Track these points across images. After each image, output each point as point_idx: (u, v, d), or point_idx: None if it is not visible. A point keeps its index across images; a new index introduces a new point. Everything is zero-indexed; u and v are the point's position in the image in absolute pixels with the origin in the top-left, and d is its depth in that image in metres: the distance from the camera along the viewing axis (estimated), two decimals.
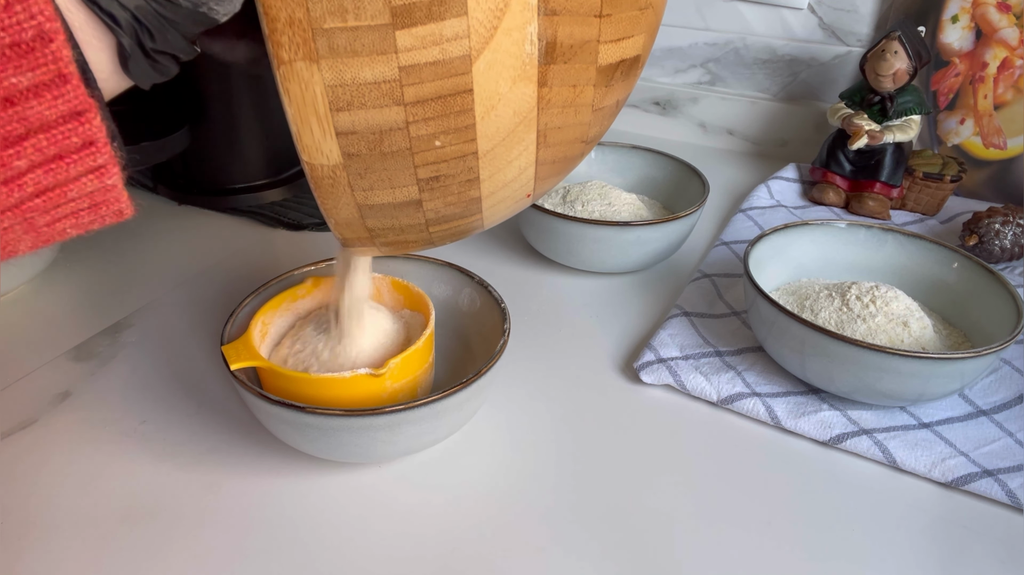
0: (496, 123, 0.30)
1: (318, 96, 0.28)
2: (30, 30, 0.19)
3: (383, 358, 0.41)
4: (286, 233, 0.67)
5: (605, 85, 0.33)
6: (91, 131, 0.22)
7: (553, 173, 0.35)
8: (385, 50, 0.27)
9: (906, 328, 0.47)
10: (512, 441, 0.44)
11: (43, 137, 0.21)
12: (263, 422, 0.40)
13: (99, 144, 0.22)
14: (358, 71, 0.27)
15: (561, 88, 0.31)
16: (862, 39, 0.81)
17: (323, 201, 0.31)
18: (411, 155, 0.30)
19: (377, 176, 0.30)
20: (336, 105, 0.28)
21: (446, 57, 0.28)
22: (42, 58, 0.20)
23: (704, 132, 0.90)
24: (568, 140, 0.34)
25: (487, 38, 0.28)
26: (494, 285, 0.47)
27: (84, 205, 0.24)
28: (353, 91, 0.28)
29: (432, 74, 0.28)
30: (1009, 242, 0.62)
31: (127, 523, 0.38)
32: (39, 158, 0.21)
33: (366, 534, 0.38)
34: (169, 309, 0.56)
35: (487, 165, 0.31)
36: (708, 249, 0.65)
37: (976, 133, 0.74)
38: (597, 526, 0.39)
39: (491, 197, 0.33)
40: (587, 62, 0.31)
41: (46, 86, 0.20)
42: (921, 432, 0.45)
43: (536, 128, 0.32)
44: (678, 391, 0.48)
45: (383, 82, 0.28)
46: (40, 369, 0.49)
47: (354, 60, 0.27)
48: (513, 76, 0.29)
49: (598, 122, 0.35)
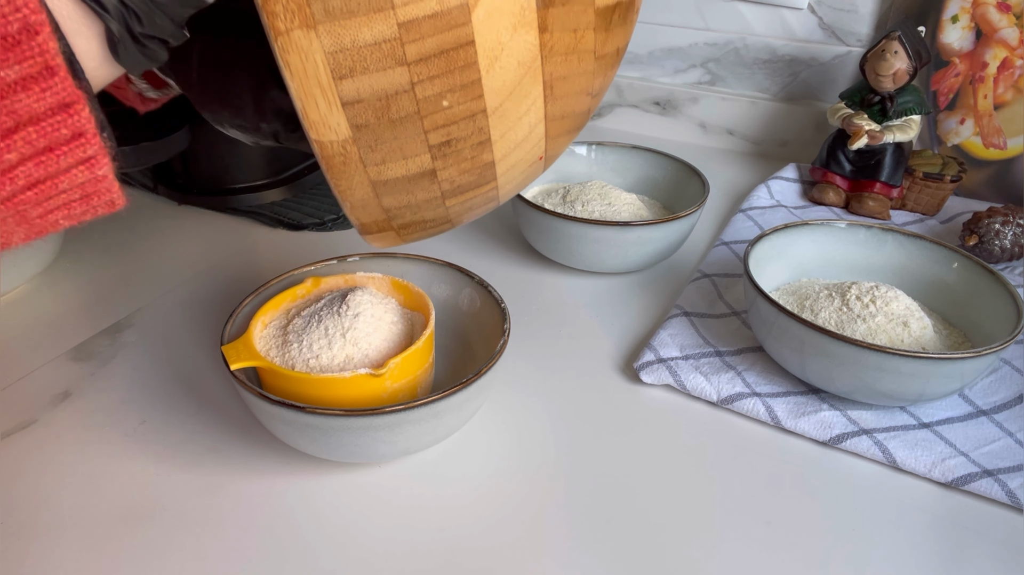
0: (501, 76, 0.30)
1: (319, 65, 0.27)
2: (15, 23, 0.19)
3: (383, 358, 0.41)
4: (286, 233, 0.67)
5: (605, 29, 0.33)
6: (80, 122, 0.22)
7: (563, 131, 0.35)
8: (382, 7, 0.27)
9: (906, 328, 0.47)
10: (512, 441, 0.44)
11: (32, 130, 0.21)
12: (263, 422, 0.40)
13: (88, 135, 0.22)
14: (357, 32, 0.27)
15: (562, 33, 0.31)
16: (862, 39, 0.81)
17: (336, 182, 0.31)
18: (420, 119, 0.30)
19: (388, 147, 0.30)
20: (339, 72, 0.28)
21: (444, 8, 0.27)
22: (28, 51, 0.20)
23: (704, 132, 0.90)
24: (574, 91, 0.33)
25: None
26: (494, 285, 0.47)
27: (76, 196, 0.24)
28: (354, 55, 0.27)
29: (432, 28, 0.28)
30: (1009, 242, 0.62)
31: (127, 523, 0.38)
32: (29, 151, 0.21)
33: (366, 534, 0.38)
34: (169, 309, 0.56)
35: (497, 123, 0.31)
36: (708, 249, 0.65)
37: (976, 133, 0.74)
38: (597, 526, 0.39)
39: (504, 160, 0.33)
40: (585, 3, 0.31)
41: (33, 79, 0.20)
42: (921, 432, 0.45)
43: (542, 79, 0.31)
44: (678, 391, 0.48)
45: (383, 42, 0.27)
46: (40, 369, 0.49)
47: (351, 21, 0.27)
48: (513, 23, 0.29)
49: (601, 71, 0.34)
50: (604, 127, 0.94)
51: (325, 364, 0.40)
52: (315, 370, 0.40)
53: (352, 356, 0.40)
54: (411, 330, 0.44)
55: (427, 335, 0.42)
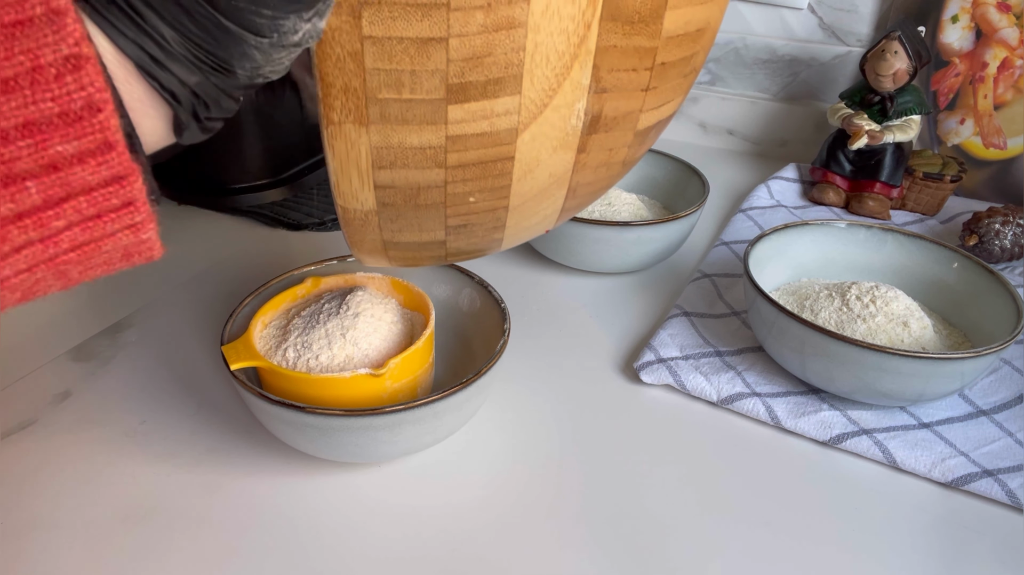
0: (531, 184, 0.31)
1: (362, 154, 0.28)
2: (79, 100, 0.19)
3: (383, 358, 0.41)
4: (286, 233, 0.67)
5: (639, 144, 0.34)
6: (132, 192, 0.22)
7: (574, 211, 0.36)
8: (435, 121, 0.27)
9: (906, 328, 0.47)
10: (512, 441, 0.44)
11: (83, 199, 0.21)
12: (263, 422, 0.40)
13: (138, 203, 0.22)
14: (405, 137, 0.28)
15: (599, 152, 0.32)
16: (862, 39, 0.81)
17: (351, 236, 0.32)
18: (444, 208, 0.31)
19: (407, 222, 0.31)
20: (379, 163, 0.28)
21: (494, 130, 0.28)
22: (89, 127, 0.20)
23: (704, 132, 0.90)
24: (595, 192, 0.35)
25: (536, 114, 0.28)
26: (494, 285, 0.47)
27: (118, 256, 0.24)
28: (397, 153, 0.28)
29: (477, 143, 0.28)
30: (1009, 242, 0.62)
31: (127, 523, 0.38)
32: (77, 218, 0.21)
33: (366, 534, 0.38)
34: (169, 309, 0.56)
35: (514, 215, 0.32)
36: (708, 249, 0.65)
37: (976, 133, 0.74)
38: (597, 526, 0.39)
39: (512, 238, 0.34)
40: (627, 129, 0.32)
41: (91, 153, 0.20)
42: (921, 432, 0.45)
43: (568, 186, 0.32)
44: (678, 391, 0.48)
45: (428, 148, 0.28)
46: (40, 369, 0.49)
47: (403, 127, 0.28)
48: (555, 146, 0.30)
49: (625, 172, 0.36)
50: None
51: (325, 364, 0.40)
52: (315, 370, 0.40)
53: (352, 356, 0.40)
54: (411, 330, 0.44)
55: (427, 335, 0.42)
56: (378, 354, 0.41)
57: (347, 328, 0.41)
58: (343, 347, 0.40)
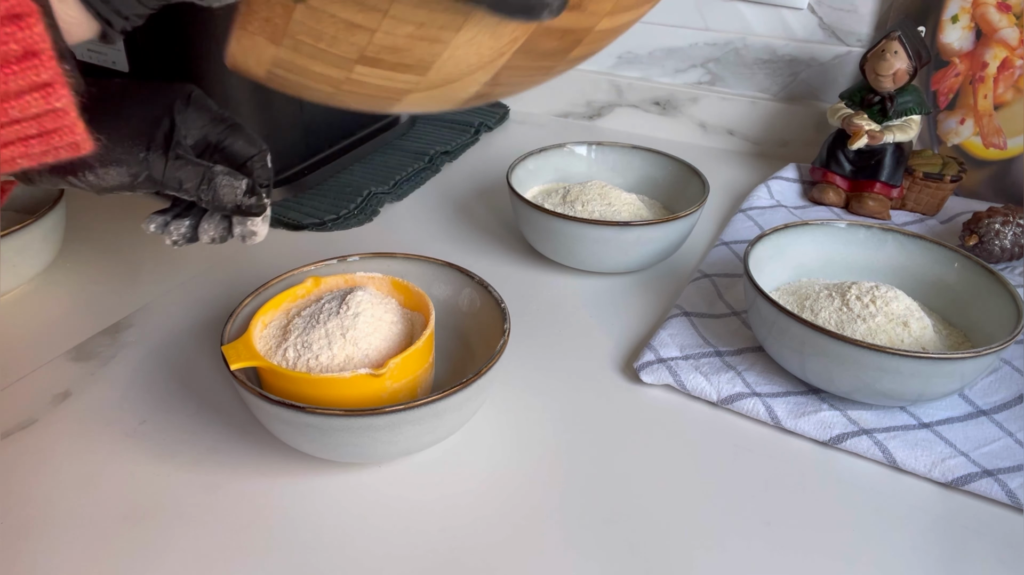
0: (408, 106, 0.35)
1: (265, 55, 0.32)
2: None
3: (383, 358, 0.41)
4: (286, 233, 0.67)
5: None
6: (31, 38, 0.19)
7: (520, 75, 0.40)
8: (342, 67, 0.31)
9: (906, 328, 0.47)
10: (512, 441, 0.44)
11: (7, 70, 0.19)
12: (263, 422, 0.40)
13: (43, 56, 0.20)
14: (310, 64, 0.31)
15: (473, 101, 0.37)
16: (862, 39, 0.81)
17: None
18: (329, 97, 0.35)
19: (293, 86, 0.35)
20: (278, 65, 0.32)
21: (390, 86, 0.32)
22: None
23: (704, 132, 0.90)
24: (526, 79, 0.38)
25: (430, 88, 0.33)
26: (494, 285, 0.47)
27: (32, 131, 0.22)
28: (299, 68, 0.32)
29: (373, 90, 0.33)
30: (1009, 242, 0.62)
31: (127, 523, 0.38)
32: None
33: (366, 534, 0.38)
34: (169, 309, 0.56)
35: None
36: (708, 249, 0.65)
37: (976, 133, 0.74)
38: (597, 526, 0.39)
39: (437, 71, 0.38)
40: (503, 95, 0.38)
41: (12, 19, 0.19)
42: (921, 432, 0.45)
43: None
44: (678, 391, 0.48)
45: (329, 77, 0.32)
46: (40, 369, 0.49)
47: (311, 60, 0.31)
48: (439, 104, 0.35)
49: None
50: (604, 127, 0.94)
51: (325, 364, 0.40)
52: (315, 370, 0.40)
53: (352, 356, 0.40)
54: (411, 330, 0.44)
55: (427, 335, 0.42)
56: (378, 354, 0.41)
57: (347, 328, 0.41)
58: (343, 347, 0.40)
